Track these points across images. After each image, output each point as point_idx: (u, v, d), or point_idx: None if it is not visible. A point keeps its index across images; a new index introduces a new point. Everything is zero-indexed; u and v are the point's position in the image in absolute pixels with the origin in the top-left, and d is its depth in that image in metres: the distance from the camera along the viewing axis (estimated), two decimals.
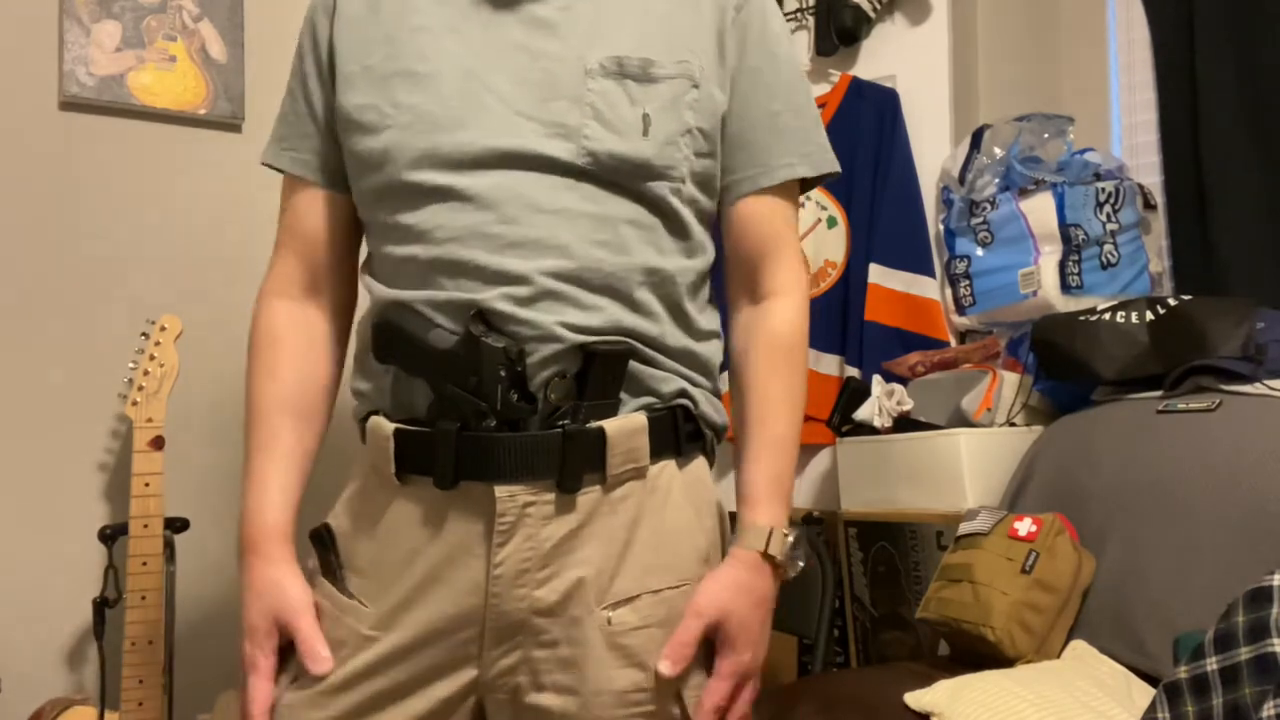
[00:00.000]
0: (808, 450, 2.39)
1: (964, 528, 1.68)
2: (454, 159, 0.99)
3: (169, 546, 1.78)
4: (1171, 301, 1.78)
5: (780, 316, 1.08)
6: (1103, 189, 2.06)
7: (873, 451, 2.01)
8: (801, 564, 1.04)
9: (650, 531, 1.00)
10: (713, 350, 1.08)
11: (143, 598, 1.70)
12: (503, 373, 0.94)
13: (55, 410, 1.89)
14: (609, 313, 0.98)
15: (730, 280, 1.12)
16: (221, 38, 2.03)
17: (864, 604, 2.01)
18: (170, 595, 1.79)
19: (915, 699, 1.39)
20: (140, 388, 1.73)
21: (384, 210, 1.03)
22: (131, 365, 1.76)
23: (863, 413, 2.03)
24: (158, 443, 1.73)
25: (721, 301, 1.13)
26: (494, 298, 0.96)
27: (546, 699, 0.97)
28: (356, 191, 1.08)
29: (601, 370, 0.96)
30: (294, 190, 1.12)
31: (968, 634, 1.57)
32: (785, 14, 2.46)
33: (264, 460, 1.06)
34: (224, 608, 1.99)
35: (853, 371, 2.25)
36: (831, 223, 2.35)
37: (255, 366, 1.09)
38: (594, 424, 0.96)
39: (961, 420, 1.94)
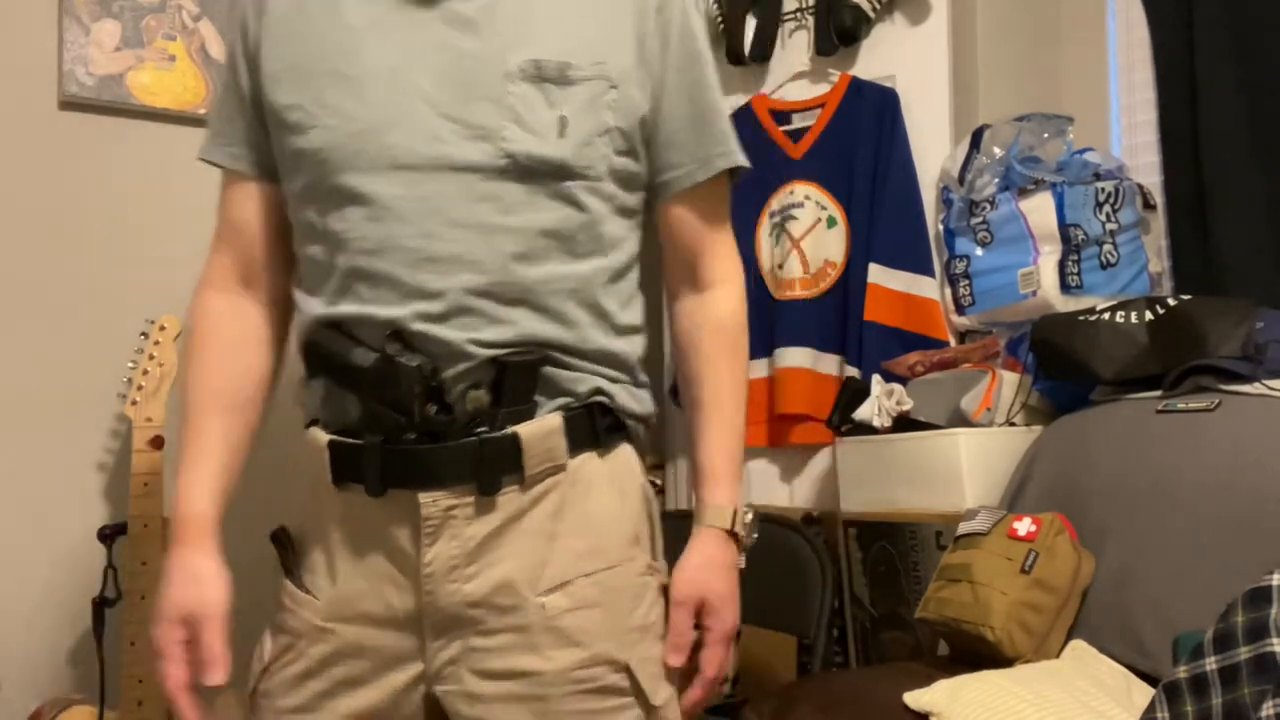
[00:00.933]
0: (807, 450, 2.39)
1: (963, 527, 1.68)
2: (376, 162, 1.02)
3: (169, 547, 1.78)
4: (1171, 301, 1.78)
5: (725, 305, 1.14)
6: (1102, 189, 2.06)
7: (872, 451, 2.01)
8: (755, 537, 1.12)
9: (575, 520, 1.05)
10: (634, 345, 1.12)
11: (142, 597, 1.70)
12: (418, 389, 0.99)
13: (55, 410, 1.89)
14: (522, 325, 1.02)
15: (669, 271, 1.17)
16: (221, 37, 2.03)
17: (863, 604, 2.01)
18: None
19: (915, 699, 1.39)
20: (140, 387, 1.73)
21: (309, 211, 1.06)
22: (131, 365, 1.76)
23: (862, 412, 2.03)
24: (157, 442, 1.73)
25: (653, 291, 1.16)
26: (408, 316, 1.00)
27: (493, 686, 1.02)
28: (286, 190, 1.10)
29: (515, 379, 1.01)
30: (230, 184, 1.14)
31: (967, 634, 1.57)
32: (785, 14, 2.47)
33: (193, 454, 1.09)
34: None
35: (852, 371, 2.25)
36: (831, 223, 2.35)
37: (189, 359, 1.12)
38: (509, 429, 1.01)
39: (961, 420, 1.94)
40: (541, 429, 1.03)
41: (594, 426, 1.07)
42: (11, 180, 1.88)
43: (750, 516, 1.10)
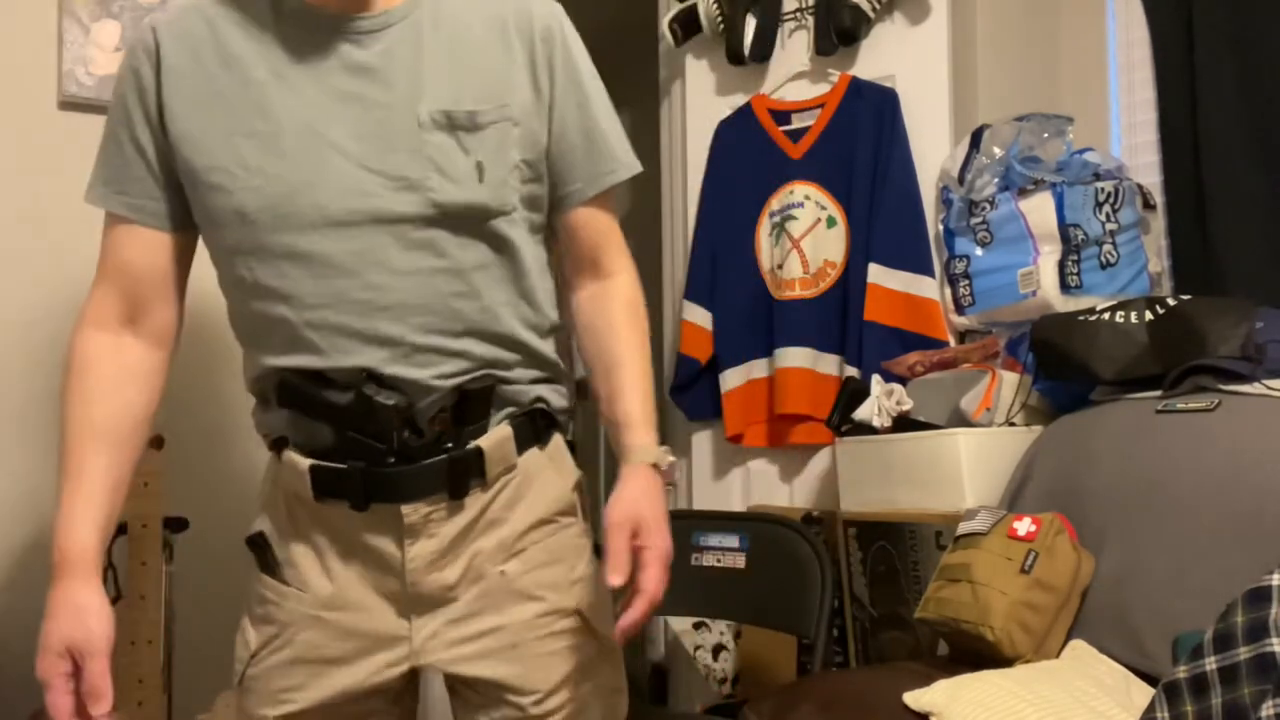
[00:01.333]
0: (807, 450, 2.39)
1: (963, 527, 1.68)
2: (310, 220, 1.09)
3: (168, 546, 1.78)
4: (1171, 301, 1.78)
5: (629, 288, 1.27)
6: (1102, 189, 2.06)
7: (872, 451, 2.01)
8: (676, 479, 1.33)
9: (526, 504, 1.20)
10: (553, 341, 1.24)
11: (142, 597, 1.70)
12: (396, 422, 1.11)
13: (54, 410, 1.89)
14: (473, 353, 1.14)
15: (569, 267, 1.28)
16: None
17: (863, 604, 2.02)
18: (169, 595, 1.79)
19: (914, 699, 1.39)
20: None
21: (243, 268, 1.12)
22: None
23: (862, 412, 2.03)
24: (157, 442, 1.73)
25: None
26: (379, 360, 1.11)
27: (470, 647, 1.17)
28: (212, 245, 1.16)
29: (473, 403, 1.15)
30: (117, 227, 1.18)
31: (967, 634, 1.57)
32: (785, 14, 2.47)
33: (73, 488, 1.11)
34: (223, 608, 1.98)
35: (852, 371, 2.26)
36: (831, 223, 2.35)
37: (67, 396, 1.15)
38: (472, 444, 1.15)
39: (961, 420, 1.95)
40: (498, 439, 1.17)
41: (535, 428, 1.21)
42: (11, 180, 1.88)
43: (671, 458, 1.22)
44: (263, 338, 1.14)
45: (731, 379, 2.46)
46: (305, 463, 1.14)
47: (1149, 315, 1.78)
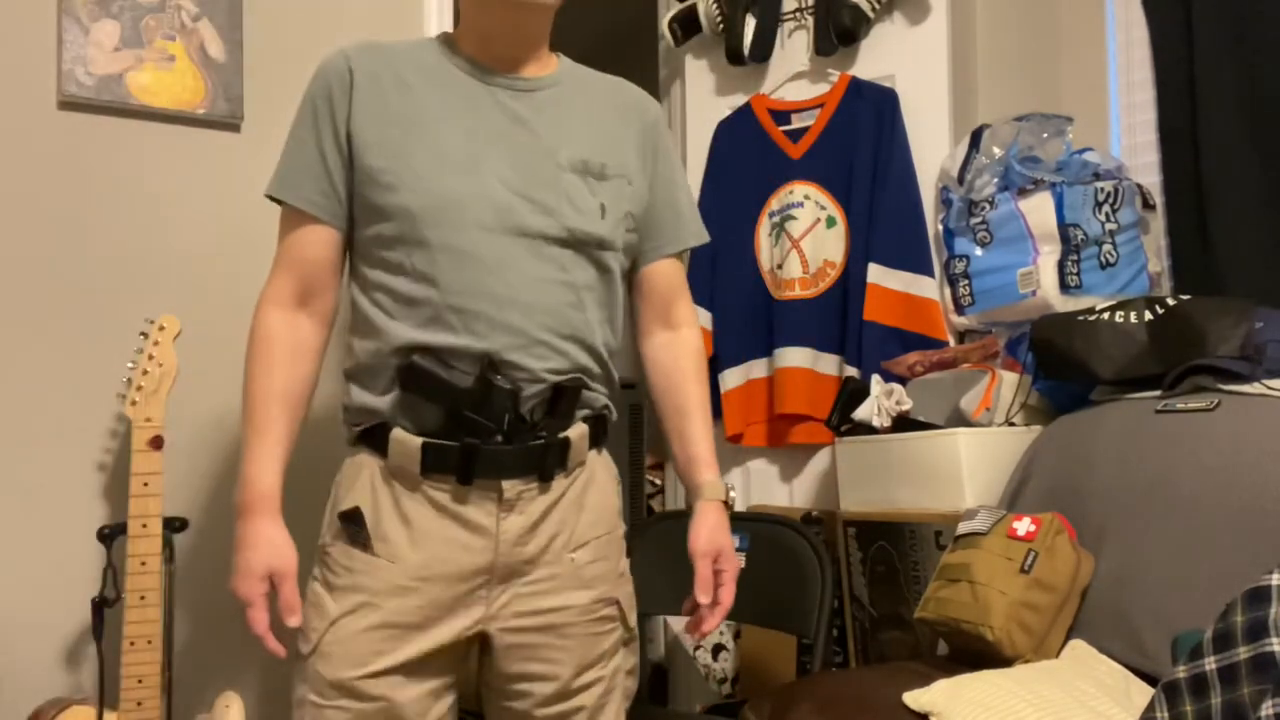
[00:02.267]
0: (807, 450, 2.39)
1: (963, 527, 1.68)
2: (466, 223, 1.30)
3: (168, 546, 1.78)
4: (1170, 301, 1.78)
5: (695, 340, 1.54)
6: (1101, 189, 2.07)
7: (872, 451, 2.01)
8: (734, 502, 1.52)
9: (591, 499, 1.41)
10: (615, 367, 1.46)
11: (141, 597, 1.70)
12: (509, 405, 1.30)
13: (54, 410, 1.89)
14: (573, 357, 1.35)
15: (644, 315, 1.53)
16: (220, 37, 2.03)
17: (863, 604, 2.02)
18: (169, 595, 1.79)
19: (914, 698, 1.39)
20: (139, 387, 1.73)
21: (398, 253, 1.32)
22: (130, 365, 1.76)
23: (862, 412, 2.04)
24: (156, 442, 1.73)
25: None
26: (501, 347, 1.30)
27: (532, 620, 1.35)
28: (370, 232, 1.35)
29: (566, 399, 1.35)
30: (297, 222, 1.38)
31: (966, 633, 1.57)
32: (785, 14, 2.47)
33: (260, 441, 1.33)
34: (223, 608, 1.99)
35: (852, 371, 2.26)
36: (830, 223, 2.35)
37: (254, 364, 1.36)
38: (561, 435, 1.36)
39: (960, 420, 1.95)
40: (580, 434, 1.38)
41: (599, 433, 1.42)
42: (11, 180, 1.88)
43: (734, 493, 1.49)
44: (402, 313, 1.32)
45: (731, 379, 2.46)
46: (417, 440, 1.31)
47: (1148, 315, 1.78)
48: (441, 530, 1.32)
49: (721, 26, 2.48)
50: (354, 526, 1.34)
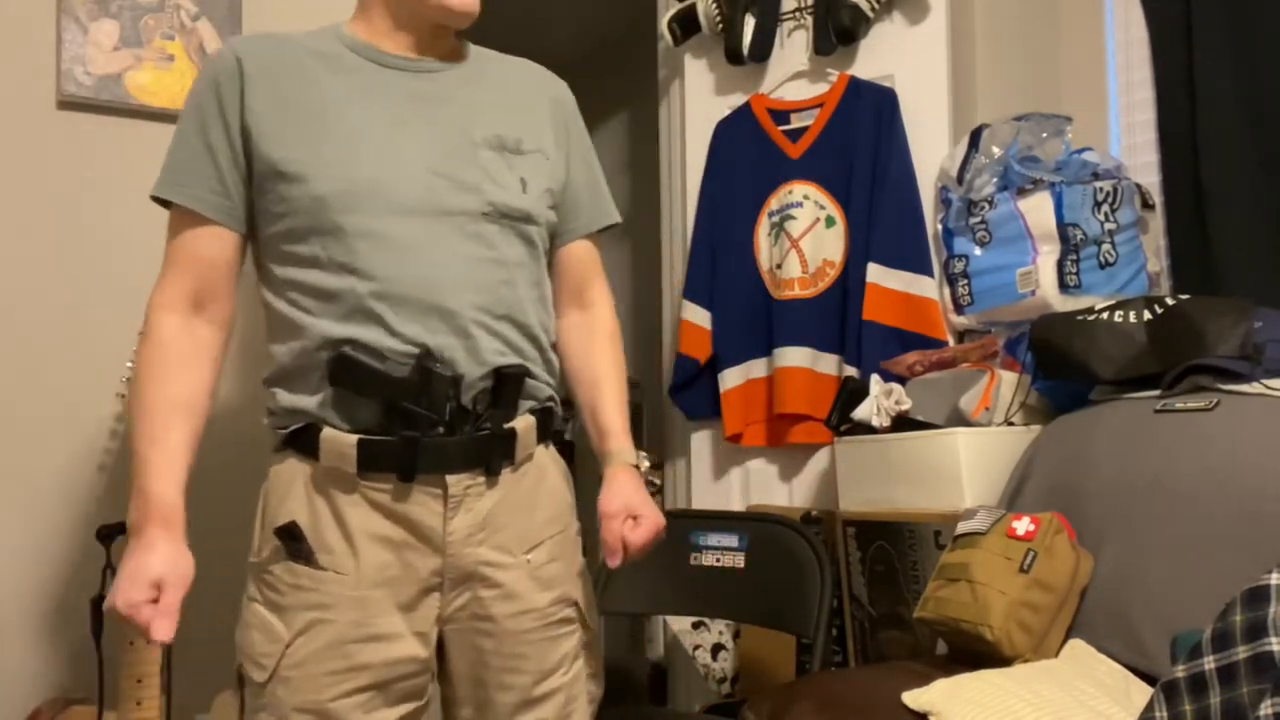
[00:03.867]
0: (806, 449, 2.39)
1: (962, 527, 1.68)
2: (384, 207, 1.26)
3: None
4: (1169, 301, 1.78)
5: (607, 318, 1.51)
6: (1101, 188, 2.07)
7: (871, 451, 2.01)
8: (653, 482, 1.45)
9: (543, 495, 1.37)
10: (553, 355, 1.42)
11: None
12: (450, 393, 1.25)
13: (54, 410, 1.89)
14: (509, 337, 1.31)
15: (558, 295, 1.48)
16: (220, 37, 2.03)
17: (862, 603, 2.02)
18: None
19: (913, 698, 1.39)
20: None
21: (311, 246, 1.26)
22: (129, 364, 1.76)
23: (861, 412, 2.04)
24: None
25: None
26: (437, 332, 1.26)
27: (491, 624, 1.30)
28: (278, 228, 1.28)
29: (509, 386, 1.30)
30: (188, 223, 1.31)
31: (966, 633, 1.57)
32: (784, 14, 2.47)
33: (157, 450, 1.23)
34: (222, 607, 1.99)
35: (851, 371, 2.26)
36: (830, 222, 2.35)
37: (145, 371, 1.27)
38: (507, 425, 1.31)
39: (960, 420, 1.95)
40: (527, 425, 1.34)
41: (547, 425, 1.39)
42: (10, 180, 1.88)
43: (647, 463, 1.46)
44: (323, 308, 1.26)
45: (730, 378, 2.46)
46: (351, 438, 1.25)
47: (1148, 315, 1.78)
48: (386, 533, 1.26)
49: (721, 26, 2.48)
50: (293, 542, 1.26)
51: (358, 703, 1.24)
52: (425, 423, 1.24)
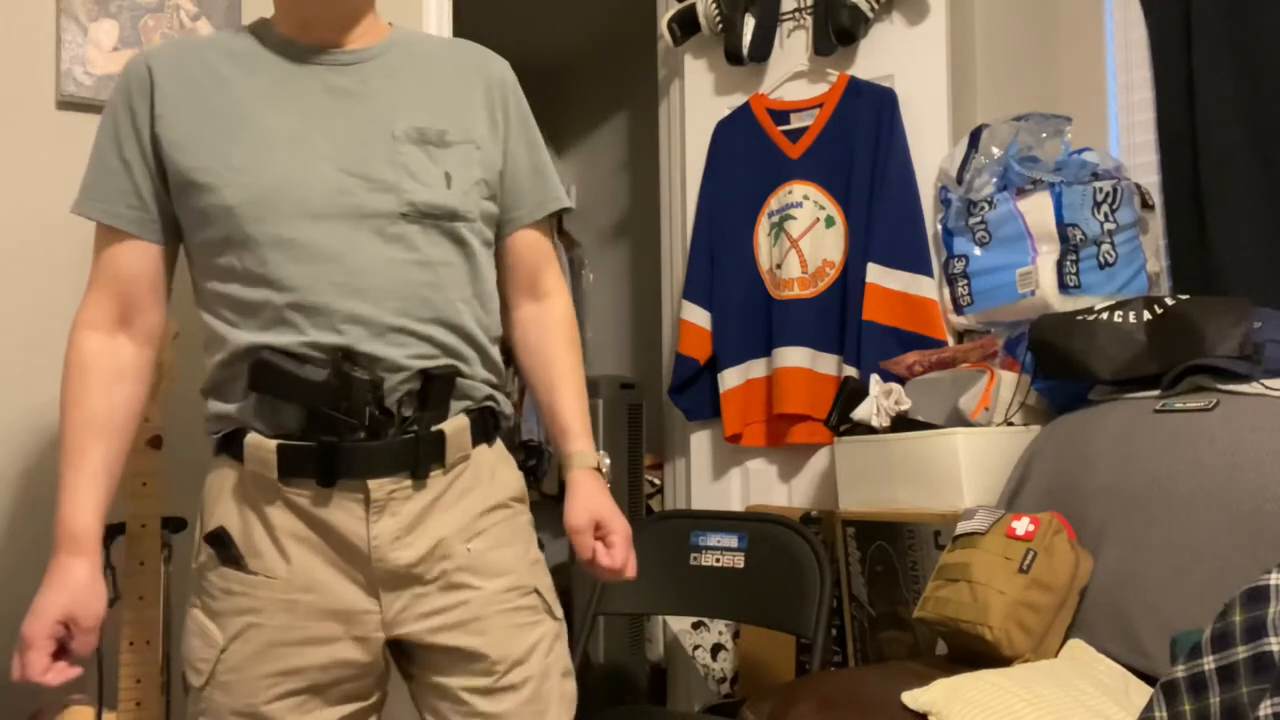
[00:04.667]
0: (806, 450, 2.39)
1: (962, 527, 1.69)
2: (295, 212, 1.21)
3: (166, 546, 1.78)
4: (1169, 301, 1.78)
5: (562, 309, 1.44)
6: (1100, 189, 2.07)
7: (870, 451, 2.01)
8: (610, 479, 1.42)
9: (481, 491, 1.31)
10: (498, 351, 1.37)
11: (140, 597, 1.69)
12: (369, 398, 1.21)
13: (53, 410, 1.89)
14: (438, 340, 1.26)
15: (509, 287, 1.43)
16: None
17: (862, 603, 2.02)
18: (168, 595, 1.79)
19: (913, 698, 1.39)
20: None
21: (228, 257, 1.23)
22: None
23: (860, 412, 2.04)
24: (155, 442, 1.72)
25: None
26: (355, 338, 1.21)
27: (438, 619, 1.26)
28: (197, 240, 1.26)
29: (437, 388, 1.26)
30: (108, 238, 1.30)
31: (965, 633, 1.57)
32: (783, 14, 2.47)
33: (75, 474, 1.23)
34: None
35: (851, 371, 2.26)
36: (829, 222, 2.35)
37: (67, 392, 1.26)
38: (435, 428, 1.26)
39: (959, 420, 1.95)
40: (457, 427, 1.28)
41: (486, 426, 1.34)
42: (9, 180, 1.88)
43: (608, 462, 1.39)
44: (243, 320, 1.23)
45: (730, 379, 2.46)
46: (271, 443, 1.23)
47: (1147, 315, 1.78)
48: (309, 537, 1.24)
49: (720, 26, 2.48)
50: (223, 548, 1.26)
51: (293, 705, 1.23)
52: (344, 427, 1.21)
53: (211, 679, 1.24)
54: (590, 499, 1.35)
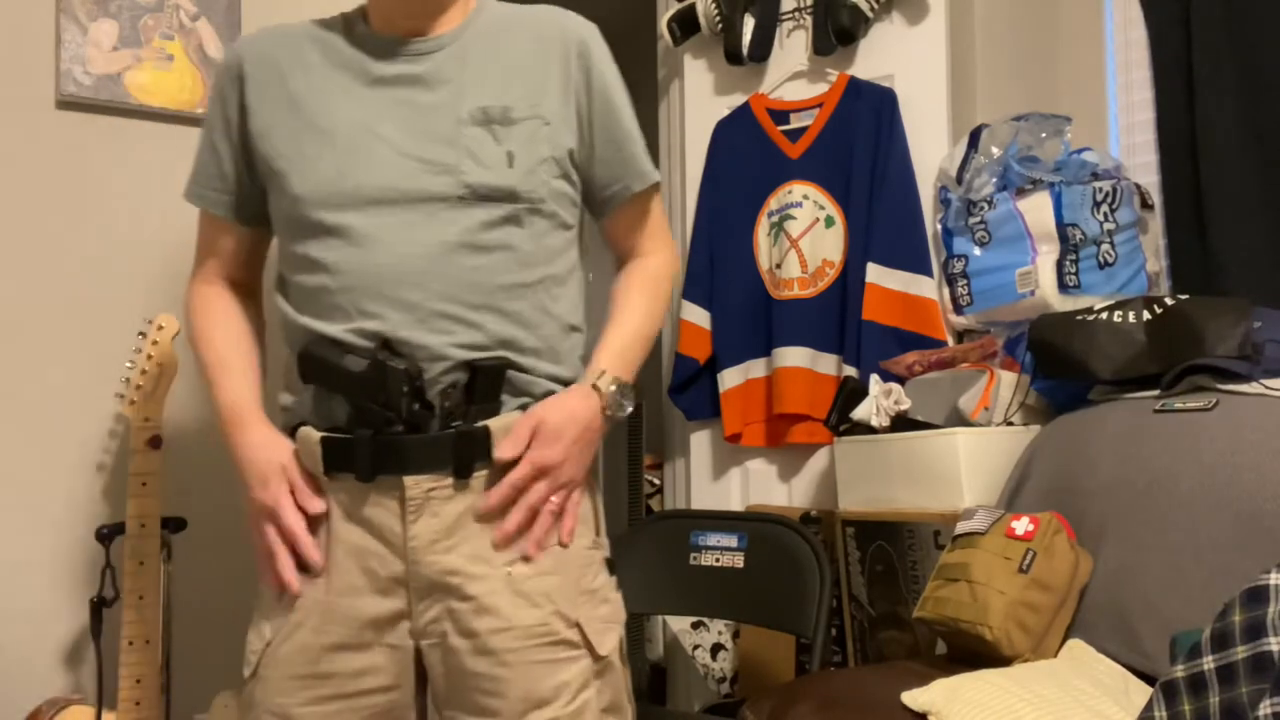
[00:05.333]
0: (805, 449, 2.39)
1: (961, 527, 1.68)
2: (350, 200, 1.22)
3: (166, 546, 1.78)
4: (1168, 301, 1.78)
5: (655, 264, 1.41)
6: (1100, 188, 2.07)
7: (870, 451, 2.01)
8: (629, 409, 1.30)
9: None
10: (575, 343, 1.32)
11: (140, 597, 1.69)
12: (405, 389, 1.17)
13: (53, 410, 1.89)
14: (489, 328, 1.22)
15: (618, 263, 1.42)
16: (219, 37, 2.03)
17: (861, 603, 2.02)
18: (167, 595, 1.79)
19: (912, 698, 1.39)
20: (138, 387, 1.73)
21: (296, 243, 1.26)
22: (129, 365, 1.76)
23: (860, 412, 2.04)
24: (155, 442, 1.72)
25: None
26: (395, 325, 1.19)
27: (466, 640, 1.20)
28: (278, 227, 1.32)
29: (484, 381, 1.21)
30: (206, 218, 1.39)
31: (965, 633, 1.57)
32: (783, 14, 2.47)
33: (224, 373, 1.30)
34: (221, 607, 1.98)
35: (850, 371, 2.26)
36: (829, 222, 2.35)
37: (197, 326, 1.35)
38: (481, 423, 1.21)
39: (959, 420, 1.95)
40: (506, 423, 1.22)
41: None
42: (9, 180, 1.88)
43: (618, 388, 1.28)
44: (306, 306, 1.25)
45: (730, 379, 2.46)
46: (317, 435, 1.22)
47: (1147, 315, 1.78)
48: (350, 536, 1.21)
49: (720, 26, 2.48)
50: None
51: (323, 713, 1.21)
52: (380, 419, 1.18)
53: (256, 673, 1.24)
54: (551, 406, 1.24)
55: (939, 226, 2.25)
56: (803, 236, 2.37)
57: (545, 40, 1.31)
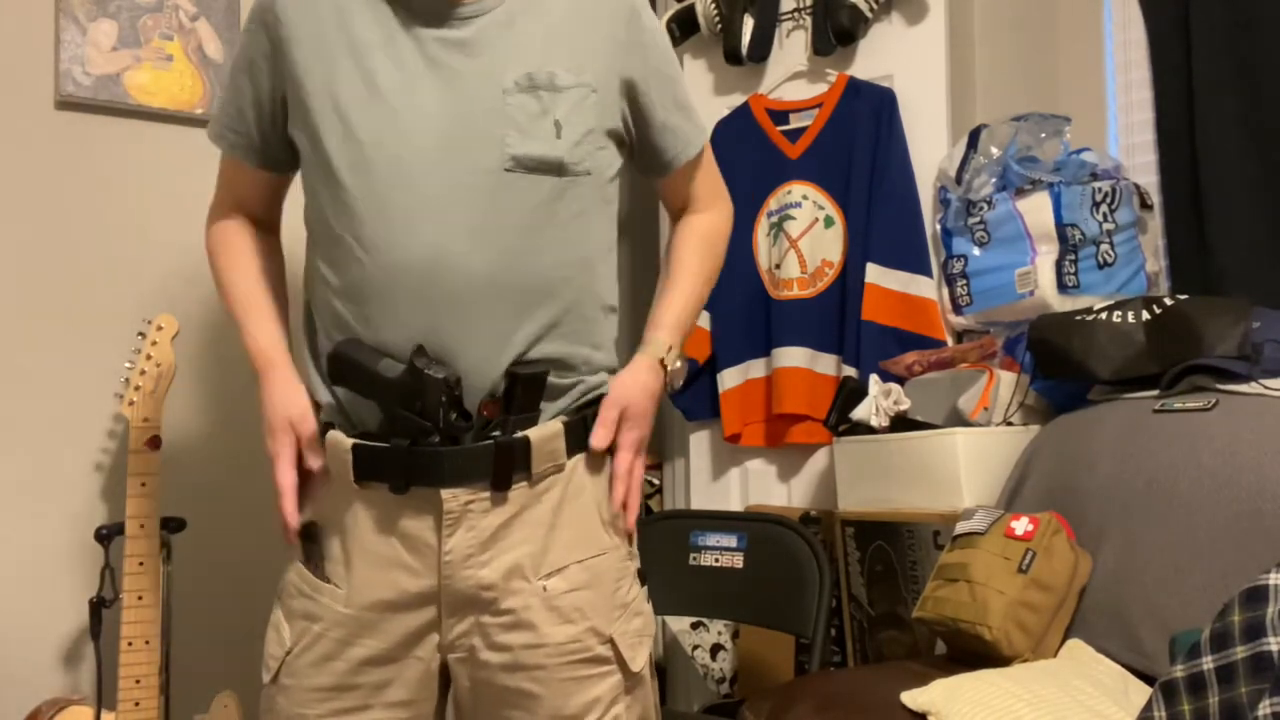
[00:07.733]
0: (805, 450, 2.39)
1: (961, 527, 1.69)
2: (388, 168, 1.15)
3: (165, 546, 1.78)
4: (1168, 301, 1.78)
5: (708, 217, 1.40)
6: (1099, 189, 2.07)
7: (870, 451, 2.01)
8: (681, 382, 1.37)
9: (571, 514, 1.21)
10: (612, 325, 1.30)
11: (139, 598, 1.69)
12: (444, 399, 1.12)
13: (52, 410, 1.89)
14: (539, 314, 1.17)
15: (674, 215, 1.41)
16: (218, 37, 2.03)
17: (861, 603, 2.02)
18: (167, 595, 1.79)
19: (912, 698, 1.39)
20: (137, 387, 1.73)
21: (324, 208, 1.19)
22: (128, 365, 1.76)
23: (860, 412, 2.04)
24: (154, 443, 1.72)
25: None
26: (433, 325, 1.14)
27: (498, 656, 1.18)
28: (308, 181, 1.24)
29: (524, 390, 1.16)
30: (230, 162, 1.33)
31: (964, 633, 1.57)
32: (783, 14, 2.47)
33: (252, 312, 1.27)
34: (220, 608, 1.98)
35: (850, 371, 2.25)
36: (829, 222, 2.35)
37: (220, 260, 1.32)
38: (520, 434, 1.16)
39: (958, 420, 1.95)
40: (547, 433, 1.18)
41: (586, 432, 1.23)
42: (9, 180, 1.88)
43: (680, 361, 1.31)
44: (334, 283, 1.19)
45: (729, 379, 2.46)
46: (348, 442, 1.17)
47: (1146, 315, 1.78)
48: (379, 548, 1.17)
49: (719, 26, 2.48)
50: (309, 543, 1.21)
51: None
52: (415, 429, 1.13)
53: (276, 679, 1.21)
54: (635, 385, 1.25)
55: (938, 226, 2.25)
56: (802, 236, 2.37)
57: (594, 7, 1.26)
